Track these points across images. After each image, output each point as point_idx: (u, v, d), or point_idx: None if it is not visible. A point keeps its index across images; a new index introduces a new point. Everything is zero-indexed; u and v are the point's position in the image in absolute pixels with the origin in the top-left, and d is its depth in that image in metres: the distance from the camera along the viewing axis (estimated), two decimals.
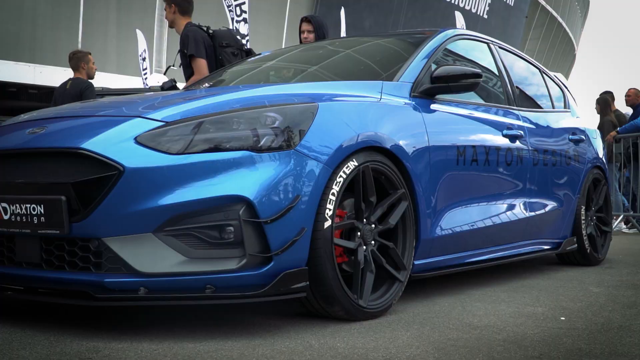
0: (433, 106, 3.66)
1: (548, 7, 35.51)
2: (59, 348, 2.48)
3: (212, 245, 2.66)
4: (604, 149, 5.66)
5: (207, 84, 4.35)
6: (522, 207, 4.31)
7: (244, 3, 17.65)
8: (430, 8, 25.14)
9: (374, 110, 3.27)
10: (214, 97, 3.01)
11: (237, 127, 2.77)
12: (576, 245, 5.00)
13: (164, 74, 5.45)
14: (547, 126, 4.81)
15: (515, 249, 4.35)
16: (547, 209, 4.62)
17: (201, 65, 5.28)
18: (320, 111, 2.96)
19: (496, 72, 4.52)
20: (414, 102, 3.54)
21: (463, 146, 3.71)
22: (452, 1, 25.84)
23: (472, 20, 26.71)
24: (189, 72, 5.42)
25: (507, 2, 29.60)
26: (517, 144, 4.24)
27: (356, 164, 2.99)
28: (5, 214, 2.83)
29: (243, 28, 17.33)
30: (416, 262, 3.38)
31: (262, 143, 2.74)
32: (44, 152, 2.83)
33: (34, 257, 2.81)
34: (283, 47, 19.38)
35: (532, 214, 4.42)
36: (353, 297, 2.95)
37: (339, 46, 4.49)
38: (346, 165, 2.95)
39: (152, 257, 2.63)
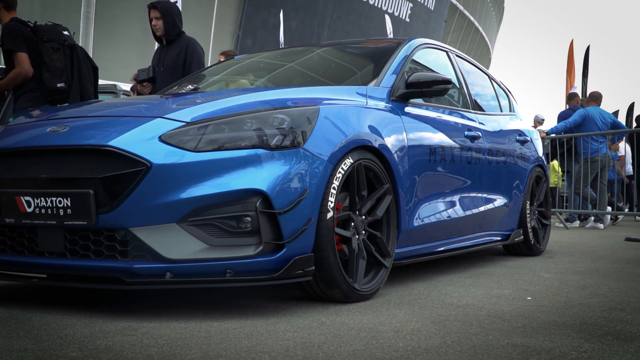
0: (407, 109, 4.02)
1: (465, 12, 36.72)
2: (97, 327, 2.72)
3: (231, 234, 2.94)
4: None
5: (190, 86, 4.60)
6: (479, 201, 4.73)
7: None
8: (354, 10, 25.69)
9: (363, 112, 3.61)
10: (229, 99, 3.29)
11: (249, 128, 3.06)
12: (522, 236, 5.47)
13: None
14: (500, 129, 5.26)
15: (474, 239, 4.77)
16: (500, 203, 5.06)
17: (22, 58, 5.27)
18: (321, 113, 3.28)
19: (454, 78, 4.92)
20: (391, 105, 3.90)
21: (434, 146, 4.10)
22: (376, 4, 26.49)
23: (395, 24, 27.40)
24: (10, 67, 5.39)
25: (428, 6, 30.48)
26: (476, 144, 4.66)
27: (352, 161, 3.32)
28: (29, 207, 3.03)
29: None
30: (397, 251, 3.74)
31: (273, 142, 3.04)
32: (67, 149, 3.04)
33: (57, 246, 3.03)
34: (210, 47, 19.59)
35: (488, 208, 4.85)
36: (350, 281, 3.28)
37: (318, 52, 4.80)
38: (344, 162, 3.27)
39: (177, 245, 2.90)
